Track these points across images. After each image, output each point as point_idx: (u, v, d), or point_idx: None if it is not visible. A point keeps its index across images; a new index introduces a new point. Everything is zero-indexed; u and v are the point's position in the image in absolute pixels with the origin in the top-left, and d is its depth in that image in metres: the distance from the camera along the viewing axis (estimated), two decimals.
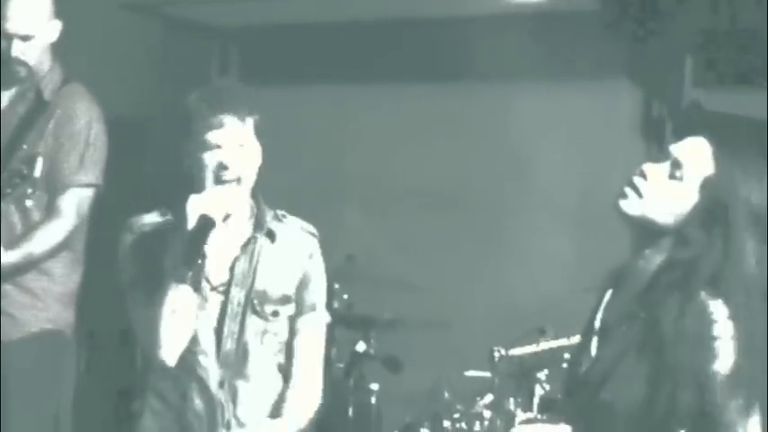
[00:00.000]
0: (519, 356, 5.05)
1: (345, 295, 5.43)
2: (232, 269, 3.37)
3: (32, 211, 4.37)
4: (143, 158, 6.34)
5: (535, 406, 4.93)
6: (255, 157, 3.35)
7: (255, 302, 3.37)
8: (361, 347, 5.38)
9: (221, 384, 3.34)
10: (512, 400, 4.96)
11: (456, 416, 4.99)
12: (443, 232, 6.23)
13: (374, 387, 5.38)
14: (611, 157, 5.52)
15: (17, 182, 4.29)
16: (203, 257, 3.28)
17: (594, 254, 4.53)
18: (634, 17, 5.57)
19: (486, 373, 5.09)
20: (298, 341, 3.47)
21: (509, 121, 5.97)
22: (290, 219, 3.50)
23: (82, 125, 4.41)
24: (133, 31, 6.42)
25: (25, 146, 4.38)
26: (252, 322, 3.37)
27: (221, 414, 3.34)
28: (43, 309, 4.40)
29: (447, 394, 5.15)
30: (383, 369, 5.36)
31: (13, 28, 4.34)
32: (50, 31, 4.43)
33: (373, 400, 5.33)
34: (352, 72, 6.53)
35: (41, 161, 4.34)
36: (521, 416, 4.84)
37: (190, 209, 3.21)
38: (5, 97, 4.45)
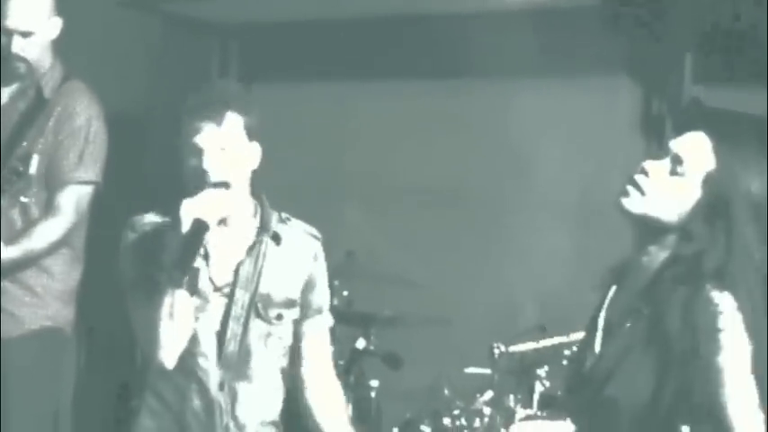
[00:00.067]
0: (519, 353, 5.05)
1: (345, 292, 5.42)
2: (237, 271, 3.36)
3: (31, 208, 4.37)
4: (143, 156, 6.33)
5: (535, 403, 4.93)
6: (244, 158, 3.32)
7: (259, 306, 3.36)
8: (361, 344, 5.37)
9: (221, 386, 3.33)
10: (512, 396, 4.96)
11: (456, 413, 4.99)
12: (443, 229, 6.22)
13: (374, 384, 5.37)
14: (610, 153, 5.51)
15: (13, 179, 4.30)
16: (206, 258, 3.30)
17: (594, 250, 4.53)
18: (634, 14, 5.56)
19: (487, 370, 5.09)
20: (306, 345, 3.48)
21: (509, 118, 5.96)
22: (293, 221, 3.48)
23: (82, 122, 4.41)
24: (133, 28, 6.41)
25: (25, 143, 4.38)
26: (255, 325, 3.36)
27: (220, 416, 3.33)
28: (43, 306, 4.40)
29: (447, 391, 5.15)
30: (383, 366, 5.35)
31: (14, 24, 4.33)
32: (51, 27, 4.42)
33: (373, 396, 5.33)
34: (352, 69, 6.52)
35: (37, 159, 4.35)
36: (521, 413, 4.84)
37: (183, 213, 3.20)
38: (5, 94, 4.45)
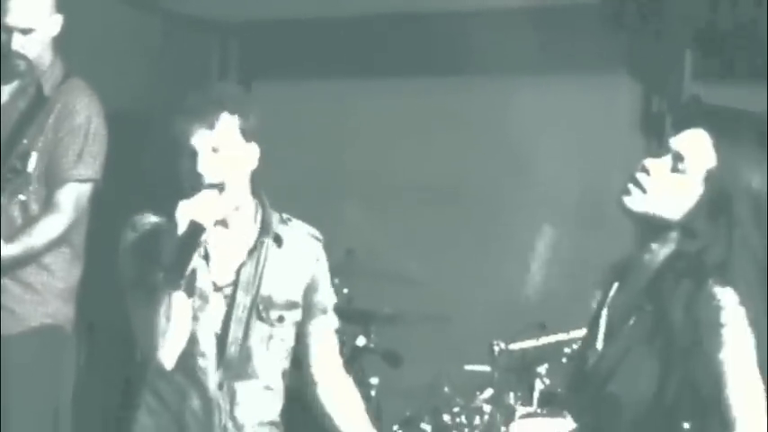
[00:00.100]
0: (519, 351, 5.05)
1: (345, 290, 5.41)
2: (238, 273, 3.35)
3: (31, 206, 4.37)
4: (143, 154, 6.33)
5: (535, 400, 4.93)
6: (240, 159, 3.30)
7: (261, 308, 3.35)
8: (361, 342, 5.38)
9: (220, 386, 3.33)
10: (512, 394, 4.96)
11: (456, 410, 4.99)
12: (443, 227, 6.23)
13: (374, 381, 5.37)
14: (610, 151, 5.51)
15: (10, 177, 4.30)
16: (206, 259, 3.30)
17: (594, 248, 4.54)
18: (634, 11, 5.57)
19: (486, 368, 5.09)
20: (314, 345, 3.48)
21: (509, 115, 5.96)
22: (294, 222, 3.46)
23: (82, 120, 4.41)
24: (133, 25, 6.41)
25: (25, 140, 4.38)
26: (257, 328, 3.35)
27: (219, 416, 3.33)
28: (43, 304, 4.40)
29: (447, 388, 5.14)
30: (383, 363, 5.36)
31: (14, 21, 4.32)
32: (51, 24, 4.41)
33: (373, 394, 5.32)
34: (352, 67, 6.52)
35: (37, 156, 4.35)
36: (520, 410, 4.83)
37: (179, 215, 3.18)
38: (6, 91, 4.45)
